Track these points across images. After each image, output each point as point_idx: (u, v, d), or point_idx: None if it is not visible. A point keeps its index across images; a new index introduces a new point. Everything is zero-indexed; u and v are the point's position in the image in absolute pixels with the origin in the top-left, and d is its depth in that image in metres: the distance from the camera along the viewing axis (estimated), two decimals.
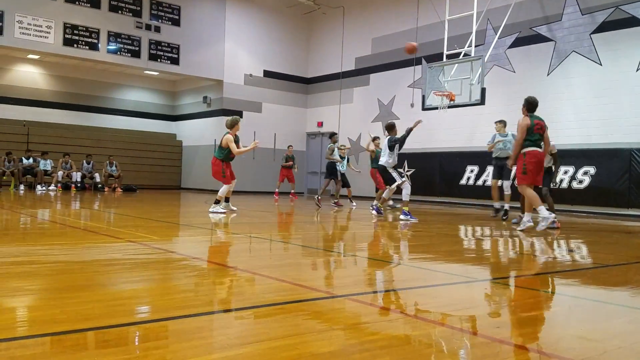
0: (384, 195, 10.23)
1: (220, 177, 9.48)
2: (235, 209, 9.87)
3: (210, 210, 9.30)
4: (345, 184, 13.61)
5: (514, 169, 8.13)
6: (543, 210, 7.39)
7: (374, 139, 12.82)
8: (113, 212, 9.56)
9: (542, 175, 7.83)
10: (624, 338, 2.51)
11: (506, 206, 10.04)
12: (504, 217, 9.91)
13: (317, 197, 12.89)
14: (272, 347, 2.08)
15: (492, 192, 10.26)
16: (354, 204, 13.53)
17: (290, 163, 16.46)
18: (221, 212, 9.20)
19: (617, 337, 2.53)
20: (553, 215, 7.57)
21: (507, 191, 9.92)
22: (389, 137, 9.73)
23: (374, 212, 10.06)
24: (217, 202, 9.43)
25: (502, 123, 10.25)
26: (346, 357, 2.01)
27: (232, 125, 9.46)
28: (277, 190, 17.12)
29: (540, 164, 7.63)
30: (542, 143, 7.64)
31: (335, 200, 13.23)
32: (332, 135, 13.86)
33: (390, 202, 12.60)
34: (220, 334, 2.31)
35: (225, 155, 9.35)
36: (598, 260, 5.51)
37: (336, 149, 13.42)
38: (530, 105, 7.66)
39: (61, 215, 8.75)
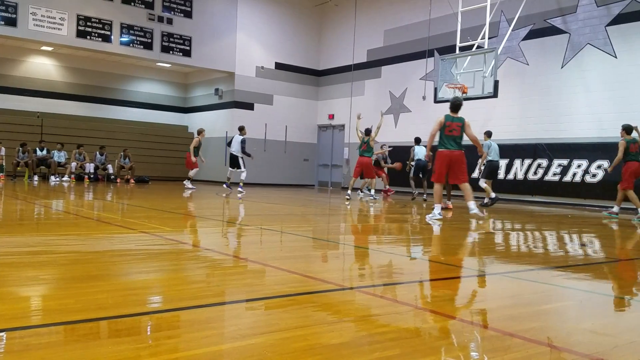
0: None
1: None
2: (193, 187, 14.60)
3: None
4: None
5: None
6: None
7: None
8: (126, 203, 9.63)
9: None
10: (635, 332, 2.50)
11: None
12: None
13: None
14: (283, 338, 2.09)
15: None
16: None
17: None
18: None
19: (629, 331, 2.52)
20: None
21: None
22: (242, 137, 13.79)
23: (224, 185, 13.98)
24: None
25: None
26: (356, 348, 2.02)
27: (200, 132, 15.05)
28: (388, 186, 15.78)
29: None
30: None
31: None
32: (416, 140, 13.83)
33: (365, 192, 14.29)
34: (231, 325, 2.33)
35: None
36: (610, 255, 5.47)
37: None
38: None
39: (75, 205, 8.84)
